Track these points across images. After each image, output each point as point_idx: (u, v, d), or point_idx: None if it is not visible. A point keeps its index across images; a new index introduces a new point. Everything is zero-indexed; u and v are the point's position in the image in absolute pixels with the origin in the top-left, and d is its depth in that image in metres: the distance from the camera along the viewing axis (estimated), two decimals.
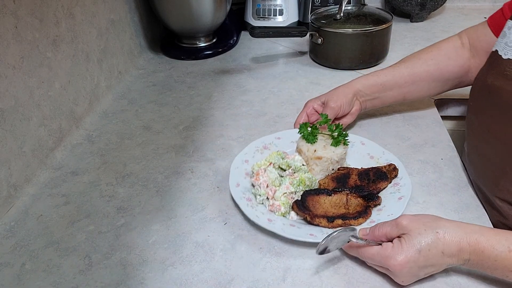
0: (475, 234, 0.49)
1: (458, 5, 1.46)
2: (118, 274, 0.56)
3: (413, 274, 0.51)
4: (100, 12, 0.94)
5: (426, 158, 0.74)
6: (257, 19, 1.30)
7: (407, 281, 0.52)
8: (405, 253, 0.49)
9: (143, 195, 0.69)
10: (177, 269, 0.56)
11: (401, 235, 0.51)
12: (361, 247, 0.54)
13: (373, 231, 0.54)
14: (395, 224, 0.52)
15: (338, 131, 0.69)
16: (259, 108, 0.92)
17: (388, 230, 0.53)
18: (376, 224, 0.55)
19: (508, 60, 0.59)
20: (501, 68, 0.60)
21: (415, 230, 0.50)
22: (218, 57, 1.17)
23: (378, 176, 0.65)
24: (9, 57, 0.66)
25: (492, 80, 0.62)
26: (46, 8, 0.75)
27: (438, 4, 1.32)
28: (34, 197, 0.69)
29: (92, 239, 0.61)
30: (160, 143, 0.82)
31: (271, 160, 0.67)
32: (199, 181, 0.71)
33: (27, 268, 0.57)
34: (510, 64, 0.59)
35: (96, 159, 0.78)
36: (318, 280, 0.54)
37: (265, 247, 0.59)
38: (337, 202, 0.62)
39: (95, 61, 0.93)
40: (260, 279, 0.54)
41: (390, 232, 0.52)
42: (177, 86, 1.02)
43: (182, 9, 1.09)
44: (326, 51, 1.07)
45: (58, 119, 0.79)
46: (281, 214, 0.62)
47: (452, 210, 0.63)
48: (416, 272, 0.51)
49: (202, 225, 0.63)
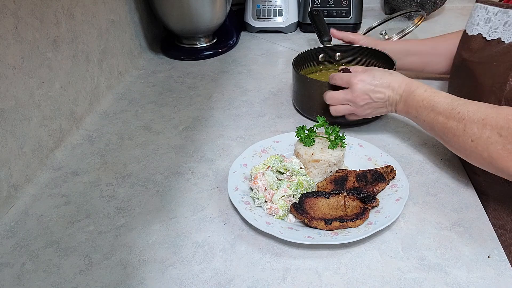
0: (414, 82, 0.70)
1: (457, 6, 1.46)
2: (118, 274, 0.56)
3: (364, 92, 0.71)
4: (100, 13, 0.95)
5: (425, 158, 0.74)
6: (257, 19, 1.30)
7: (360, 98, 0.72)
8: (362, 75, 0.72)
9: (143, 195, 0.69)
10: (177, 269, 0.56)
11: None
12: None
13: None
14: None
15: (335, 133, 0.69)
16: (259, 108, 0.92)
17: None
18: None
19: (472, 36, 0.72)
20: (467, 43, 0.73)
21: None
22: (218, 57, 1.17)
23: (375, 177, 0.66)
24: (9, 57, 0.66)
25: (463, 54, 0.74)
26: (46, 8, 0.75)
27: (438, 4, 1.32)
28: (34, 197, 0.69)
29: (92, 239, 0.61)
30: (160, 144, 0.82)
31: (269, 164, 0.68)
32: (199, 181, 0.72)
33: (27, 268, 0.57)
34: (473, 39, 0.72)
35: (96, 159, 0.78)
36: (318, 280, 0.54)
37: (265, 247, 0.59)
38: (334, 204, 0.62)
39: (95, 62, 0.93)
40: (259, 279, 0.54)
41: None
42: (177, 86, 1.03)
43: (182, 9, 1.09)
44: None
45: (58, 120, 0.79)
46: (279, 217, 0.62)
47: (452, 210, 0.63)
48: (368, 89, 0.71)
49: (202, 225, 0.63)
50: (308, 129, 0.71)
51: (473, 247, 0.57)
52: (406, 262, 0.56)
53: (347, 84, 0.74)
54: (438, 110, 0.64)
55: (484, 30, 0.70)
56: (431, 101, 0.65)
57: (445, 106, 0.63)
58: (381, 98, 0.72)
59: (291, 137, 0.75)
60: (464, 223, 0.61)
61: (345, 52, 0.97)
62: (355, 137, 0.76)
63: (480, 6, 0.71)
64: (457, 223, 0.61)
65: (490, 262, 0.55)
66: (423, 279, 0.53)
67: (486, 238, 0.59)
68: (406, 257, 0.56)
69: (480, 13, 0.70)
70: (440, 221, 0.62)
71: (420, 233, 0.60)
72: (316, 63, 0.97)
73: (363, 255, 0.57)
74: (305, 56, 0.93)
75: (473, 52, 0.72)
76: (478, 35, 0.71)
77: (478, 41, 0.71)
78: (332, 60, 0.98)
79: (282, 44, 1.24)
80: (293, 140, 0.74)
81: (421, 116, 0.67)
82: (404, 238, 0.59)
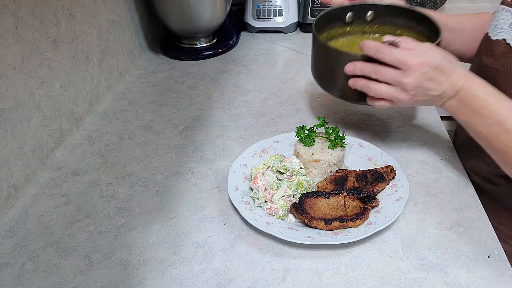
0: (475, 78, 0.59)
1: (458, 6, 1.46)
2: (118, 274, 0.56)
3: (424, 79, 0.58)
4: (100, 13, 0.95)
5: (425, 158, 0.74)
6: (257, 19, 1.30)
7: (412, 86, 0.59)
8: (423, 55, 0.58)
9: (143, 195, 0.69)
10: (177, 269, 0.56)
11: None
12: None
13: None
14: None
15: (335, 133, 0.69)
16: (259, 108, 0.92)
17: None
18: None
19: (495, 40, 0.66)
20: (490, 48, 0.67)
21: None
22: (218, 57, 1.17)
23: (375, 177, 0.66)
24: (9, 57, 0.66)
25: (484, 59, 0.68)
26: (46, 8, 0.75)
27: (438, 4, 1.32)
28: (34, 197, 0.69)
29: (92, 239, 0.61)
30: (160, 143, 0.82)
31: (269, 164, 0.68)
32: (199, 181, 0.72)
33: (27, 268, 0.57)
34: (497, 44, 0.66)
35: (96, 159, 0.78)
36: (318, 280, 0.54)
37: (265, 247, 0.59)
38: (334, 204, 0.62)
39: (95, 62, 0.93)
40: (259, 279, 0.54)
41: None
42: (177, 86, 1.03)
43: (182, 9, 1.09)
44: None
45: (58, 119, 0.79)
46: (279, 217, 0.62)
47: (452, 210, 0.63)
48: (428, 77, 0.58)
49: (202, 225, 0.63)
50: (308, 129, 0.71)
51: (473, 247, 0.57)
52: (406, 262, 0.56)
53: (401, 64, 0.59)
54: (507, 126, 0.54)
55: (509, 36, 0.64)
56: (497, 113, 0.55)
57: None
58: (436, 90, 0.59)
59: (291, 137, 0.75)
60: (464, 223, 0.61)
61: (379, 12, 0.79)
62: (355, 137, 0.76)
63: (505, 9, 0.65)
64: (457, 223, 0.61)
65: (490, 262, 0.55)
66: (423, 279, 0.53)
67: (486, 238, 0.59)
68: (406, 257, 0.56)
69: (505, 17, 0.65)
70: (440, 221, 0.62)
71: (420, 233, 0.60)
72: (342, 23, 0.80)
73: (363, 255, 0.57)
74: (329, 16, 0.76)
75: (495, 58, 0.66)
76: (502, 40, 0.65)
77: (501, 47, 0.65)
78: (361, 20, 0.80)
79: (282, 44, 1.24)
80: (293, 140, 0.74)
81: (477, 125, 0.57)
82: (404, 238, 0.59)
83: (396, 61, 0.59)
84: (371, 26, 0.80)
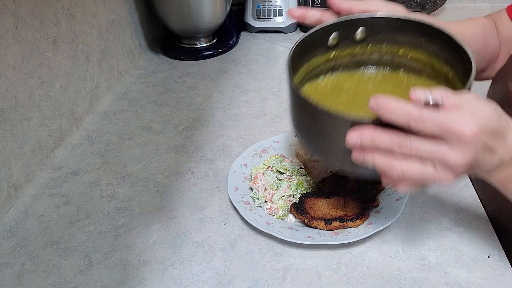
0: None
1: (458, 6, 1.46)
2: (118, 274, 0.56)
3: (476, 154, 0.39)
4: (100, 13, 0.95)
5: None
6: (257, 19, 1.30)
7: (464, 163, 0.39)
8: (477, 119, 0.38)
9: (143, 195, 0.69)
10: (177, 269, 0.56)
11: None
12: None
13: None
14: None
15: None
16: (259, 108, 0.92)
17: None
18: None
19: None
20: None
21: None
22: (218, 57, 1.17)
23: None
24: (9, 57, 0.66)
25: (509, 85, 0.54)
26: (46, 8, 0.75)
27: (438, 4, 1.32)
28: (34, 197, 0.69)
29: (92, 239, 0.61)
30: (160, 143, 0.82)
31: (269, 164, 0.68)
32: (199, 181, 0.72)
33: (27, 268, 0.57)
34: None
35: (96, 159, 0.78)
36: (318, 280, 0.54)
37: (265, 247, 0.59)
38: (334, 204, 0.62)
39: (95, 62, 0.93)
40: (260, 279, 0.54)
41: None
42: (177, 86, 1.03)
43: (182, 9, 1.09)
44: None
45: (58, 119, 0.79)
46: (279, 217, 0.62)
47: (452, 210, 0.63)
48: (480, 151, 0.39)
49: (202, 225, 0.63)
50: None
51: (473, 247, 0.57)
52: (406, 262, 0.56)
53: (449, 135, 0.38)
54: None
55: None
56: None
57: None
58: (491, 163, 0.41)
59: (291, 137, 0.75)
60: (464, 223, 0.61)
61: (373, 27, 0.56)
62: None
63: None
64: (457, 223, 0.61)
65: (490, 262, 0.55)
66: (423, 279, 0.53)
67: (486, 238, 0.59)
68: (406, 257, 0.56)
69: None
70: (440, 221, 0.62)
71: (420, 233, 0.60)
72: (325, 49, 0.58)
73: (363, 255, 0.57)
74: (306, 44, 0.55)
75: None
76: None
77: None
78: (349, 40, 0.57)
79: (282, 44, 1.24)
80: (293, 140, 0.74)
81: None
82: (404, 238, 0.59)
83: (443, 131, 0.38)
84: (362, 47, 0.58)
